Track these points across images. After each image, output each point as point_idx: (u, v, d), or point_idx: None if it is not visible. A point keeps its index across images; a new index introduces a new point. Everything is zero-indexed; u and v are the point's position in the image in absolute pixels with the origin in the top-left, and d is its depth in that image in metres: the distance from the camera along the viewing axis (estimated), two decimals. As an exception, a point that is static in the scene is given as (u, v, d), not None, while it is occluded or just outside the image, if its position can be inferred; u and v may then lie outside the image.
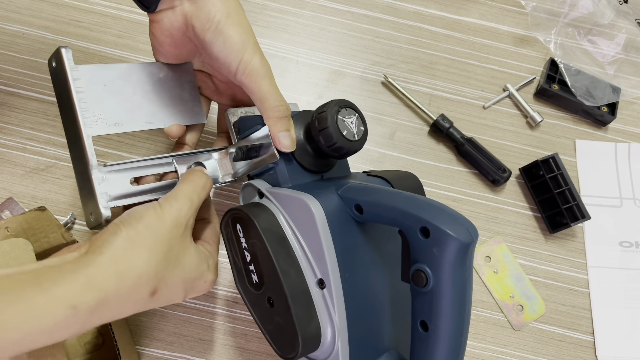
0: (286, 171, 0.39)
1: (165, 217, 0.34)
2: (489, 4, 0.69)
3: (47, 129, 0.55)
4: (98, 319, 0.30)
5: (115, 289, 0.30)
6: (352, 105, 0.39)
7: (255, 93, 0.39)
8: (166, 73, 0.43)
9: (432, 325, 0.33)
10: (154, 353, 0.50)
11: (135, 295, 0.32)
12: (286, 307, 0.35)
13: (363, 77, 0.63)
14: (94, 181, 0.37)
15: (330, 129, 0.37)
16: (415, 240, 0.33)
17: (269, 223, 0.37)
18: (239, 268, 0.39)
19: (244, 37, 0.39)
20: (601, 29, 0.68)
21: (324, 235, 0.35)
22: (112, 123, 0.39)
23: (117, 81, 0.41)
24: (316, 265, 0.36)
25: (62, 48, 0.38)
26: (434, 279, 0.32)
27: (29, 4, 0.59)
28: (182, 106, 0.44)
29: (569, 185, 0.57)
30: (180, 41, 0.41)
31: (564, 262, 0.58)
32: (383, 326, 0.39)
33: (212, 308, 0.52)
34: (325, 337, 0.36)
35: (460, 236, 0.31)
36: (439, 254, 0.31)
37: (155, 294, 0.33)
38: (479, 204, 0.60)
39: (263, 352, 0.51)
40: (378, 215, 0.35)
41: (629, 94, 0.65)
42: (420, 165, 0.60)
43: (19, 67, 0.57)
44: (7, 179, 0.53)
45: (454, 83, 0.64)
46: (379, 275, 0.39)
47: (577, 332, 0.56)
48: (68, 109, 0.38)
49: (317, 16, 0.65)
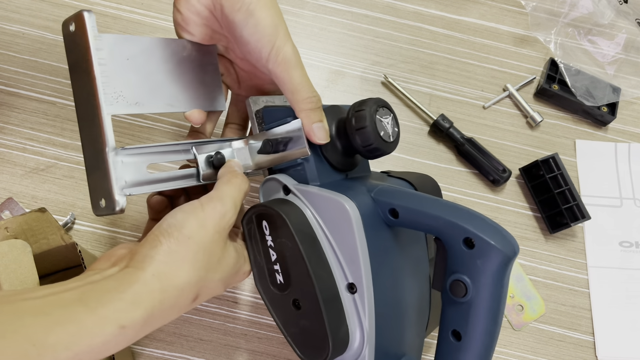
0: (315, 168, 0.37)
1: (208, 224, 0.33)
2: (489, 4, 0.69)
3: (47, 129, 0.55)
4: (144, 332, 0.30)
5: (160, 305, 0.30)
6: (388, 105, 0.38)
7: (287, 84, 0.36)
8: (189, 52, 0.40)
9: (466, 335, 0.32)
10: (154, 353, 0.50)
11: (179, 305, 0.32)
12: (316, 311, 0.34)
13: (363, 77, 0.63)
14: (110, 164, 0.33)
15: (369, 129, 0.36)
16: (457, 250, 0.32)
17: (300, 222, 0.35)
18: (261, 267, 0.38)
19: (277, 20, 0.36)
20: (601, 29, 0.68)
21: (360, 239, 0.34)
22: (132, 102, 0.36)
23: (141, 56, 0.37)
24: (348, 269, 0.35)
25: (85, 12, 0.33)
26: (473, 290, 0.32)
27: (29, 4, 0.59)
28: (203, 90, 0.41)
29: (569, 185, 0.57)
30: (206, 19, 0.39)
31: (564, 262, 0.58)
32: (404, 331, 0.39)
33: (212, 308, 0.52)
34: (354, 342, 0.35)
35: (506, 249, 0.31)
36: (483, 266, 0.31)
37: (197, 299, 0.33)
38: (479, 204, 0.60)
39: (263, 352, 0.51)
40: (415, 222, 0.35)
41: (629, 94, 0.65)
42: (421, 165, 0.60)
43: (19, 67, 0.57)
44: (7, 179, 0.53)
45: (454, 83, 0.64)
46: (405, 280, 0.38)
47: (577, 332, 0.56)
48: (85, 82, 0.34)
49: (317, 16, 0.65)
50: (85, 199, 0.53)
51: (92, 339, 0.27)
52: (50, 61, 0.57)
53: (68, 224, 0.52)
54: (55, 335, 0.26)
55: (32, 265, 0.37)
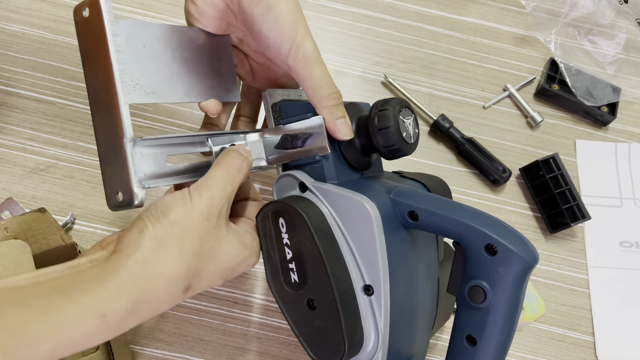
0: (334, 166, 0.37)
1: (195, 210, 0.31)
2: (489, 4, 0.69)
3: (47, 129, 0.55)
4: (130, 322, 0.29)
5: (145, 294, 0.29)
6: (410, 106, 0.38)
7: (308, 80, 0.36)
8: (205, 41, 0.39)
9: (482, 341, 0.32)
10: (154, 353, 0.50)
11: (168, 295, 0.30)
12: (333, 312, 0.34)
13: (363, 77, 0.63)
14: (128, 155, 0.32)
15: (392, 129, 0.35)
16: (478, 256, 0.32)
17: (319, 221, 0.34)
18: (274, 265, 0.37)
19: (297, 15, 0.35)
20: (601, 29, 0.68)
21: (380, 241, 0.33)
22: (150, 91, 0.34)
23: (157, 43, 0.36)
24: (365, 271, 0.34)
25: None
26: (493, 296, 0.32)
27: (29, 4, 0.59)
28: (218, 80, 0.40)
29: (569, 185, 0.57)
30: (222, 12, 0.38)
31: (564, 262, 0.58)
32: (415, 333, 0.39)
33: (212, 308, 0.52)
34: (368, 343, 0.35)
35: (528, 257, 0.31)
36: (505, 273, 0.31)
37: (189, 289, 0.31)
38: (479, 204, 0.60)
39: (263, 352, 0.51)
40: (435, 225, 0.34)
41: (629, 94, 0.65)
42: (421, 165, 0.60)
43: (19, 67, 0.57)
44: (7, 179, 0.53)
45: (454, 83, 0.64)
46: (419, 283, 0.38)
47: (577, 332, 0.56)
48: (100, 71, 0.32)
49: (317, 16, 0.65)
50: (85, 199, 0.53)
51: (72, 329, 0.26)
52: (50, 61, 0.57)
53: (68, 224, 0.52)
54: (34, 326, 0.25)
55: (31, 265, 0.37)
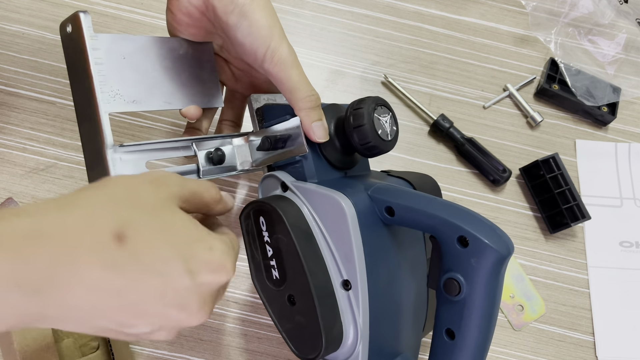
0: (313, 165, 0.38)
1: (140, 175, 0.28)
2: (489, 4, 0.69)
3: (47, 129, 0.55)
4: (39, 257, 0.21)
5: (51, 224, 0.22)
6: (387, 104, 0.38)
7: (285, 83, 0.37)
8: (186, 50, 0.41)
9: (460, 334, 0.32)
10: (154, 353, 0.50)
11: (90, 238, 0.23)
12: (311, 307, 0.34)
13: (363, 77, 0.63)
14: (108, 162, 0.34)
15: (367, 127, 0.36)
16: (451, 249, 0.32)
17: (297, 219, 0.35)
18: (258, 262, 0.38)
19: (271, 22, 0.36)
20: (601, 29, 0.68)
21: (355, 236, 0.34)
22: (130, 100, 0.37)
23: (137, 54, 0.38)
24: (343, 266, 0.35)
25: (81, 13, 0.34)
26: (467, 288, 0.32)
27: (29, 4, 0.59)
28: (200, 87, 0.42)
29: (569, 185, 0.57)
30: (198, 20, 0.39)
31: (564, 262, 0.58)
32: (400, 329, 0.39)
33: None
34: (347, 338, 0.36)
35: (500, 248, 0.31)
36: (477, 265, 0.31)
37: (123, 240, 0.23)
38: (479, 204, 0.60)
39: (263, 352, 0.51)
40: (411, 220, 0.35)
41: (629, 94, 0.65)
42: (421, 165, 0.60)
43: (19, 67, 0.57)
44: (6, 179, 0.53)
45: (454, 83, 0.64)
46: (402, 278, 0.38)
47: (577, 332, 0.56)
48: (82, 82, 0.35)
49: (317, 16, 0.65)
50: (85, 199, 0.53)
51: None
52: (50, 61, 0.57)
53: (68, 224, 0.52)
54: None
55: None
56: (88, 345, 0.49)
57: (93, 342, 0.49)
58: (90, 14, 0.35)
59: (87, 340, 0.49)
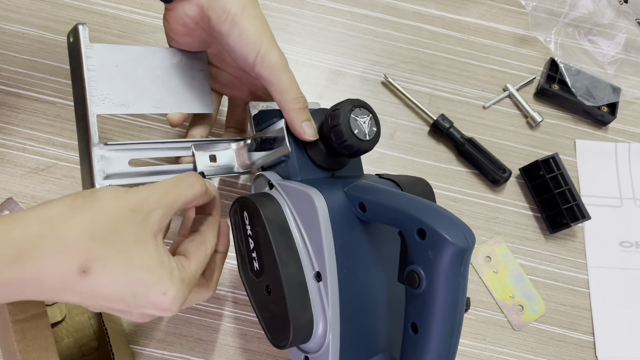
0: (297, 165, 0.40)
1: (125, 199, 0.30)
2: (489, 4, 0.69)
3: (47, 129, 0.55)
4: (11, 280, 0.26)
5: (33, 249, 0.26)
6: (367, 106, 0.40)
7: (275, 85, 0.39)
8: (179, 59, 0.44)
9: (422, 328, 0.32)
10: (154, 353, 0.50)
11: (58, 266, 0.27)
12: (282, 296, 0.36)
13: (363, 77, 0.63)
14: (93, 158, 0.38)
15: (342, 127, 0.38)
16: (412, 241, 0.33)
17: (274, 213, 0.38)
18: (243, 255, 0.40)
19: (260, 29, 0.39)
20: (601, 29, 0.68)
21: (325, 229, 0.36)
22: (118, 104, 0.41)
23: (129, 63, 0.42)
24: (315, 259, 0.37)
25: (80, 25, 0.39)
26: (426, 281, 0.32)
27: (29, 4, 0.59)
28: (190, 94, 0.45)
29: (569, 185, 0.57)
30: (193, 30, 0.42)
31: (564, 262, 0.58)
32: (378, 327, 0.39)
33: (212, 308, 0.52)
34: (317, 329, 0.37)
35: (456, 241, 0.31)
36: (434, 257, 0.31)
37: (85, 272, 0.27)
38: (479, 204, 0.60)
39: (263, 352, 0.51)
40: (380, 215, 0.36)
41: (629, 94, 0.65)
42: (420, 165, 0.60)
43: (19, 67, 0.57)
44: (6, 179, 0.53)
45: (454, 83, 0.64)
46: (378, 276, 0.39)
47: (577, 332, 0.56)
48: (79, 86, 0.39)
49: (317, 16, 0.65)
50: (85, 199, 0.53)
51: None
52: (50, 61, 0.57)
53: (68, 224, 0.52)
54: None
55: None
56: (88, 345, 0.49)
57: (93, 342, 0.49)
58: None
59: (87, 340, 0.49)
